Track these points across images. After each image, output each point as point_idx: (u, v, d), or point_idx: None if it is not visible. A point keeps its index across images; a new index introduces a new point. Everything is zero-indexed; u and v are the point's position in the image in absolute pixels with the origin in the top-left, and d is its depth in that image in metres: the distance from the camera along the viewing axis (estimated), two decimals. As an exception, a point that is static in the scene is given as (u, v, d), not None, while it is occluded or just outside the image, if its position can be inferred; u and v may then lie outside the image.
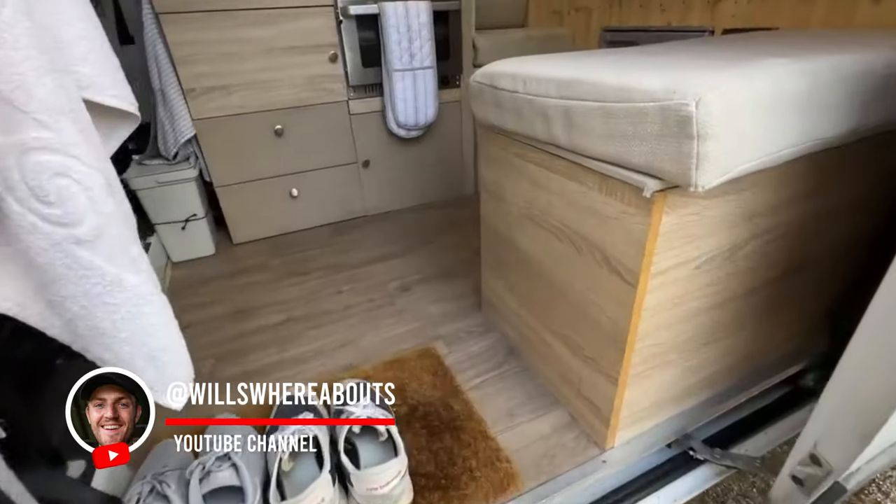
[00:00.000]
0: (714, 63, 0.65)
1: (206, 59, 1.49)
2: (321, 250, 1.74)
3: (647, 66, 0.69)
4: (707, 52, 0.79)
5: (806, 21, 1.27)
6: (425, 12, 1.64)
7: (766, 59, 0.62)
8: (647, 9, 1.74)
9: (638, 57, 0.80)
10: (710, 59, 0.69)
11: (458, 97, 1.96)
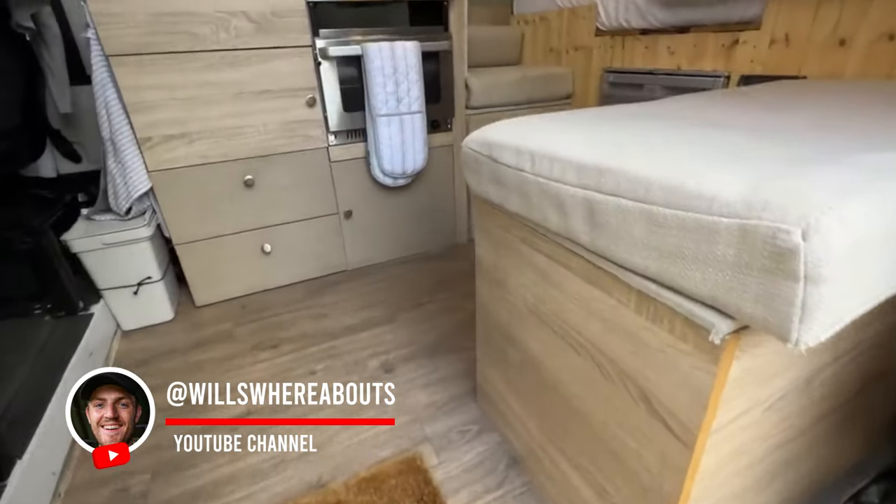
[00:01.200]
0: (801, 148, 0.47)
1: (164, 105, 1.32)
2: (295, 314, 1.54)
3: (700, 144, 0.52)
4: (770, 121, 0.62)
5: (839, 70, 1.13)
6: (413, 53, 1.50)
7: (886, 153, 0.45)
8: (654, 50, 1.61)
9: (680, 125, 0.63)
10: (789, 138, 0.52)
11: (449, 141, 1.80)
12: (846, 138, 0.51)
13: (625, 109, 0.80)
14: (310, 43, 1.43)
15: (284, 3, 1.36)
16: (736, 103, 0.78)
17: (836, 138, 0.51)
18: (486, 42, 2.16)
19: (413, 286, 1.67)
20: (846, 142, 0.49)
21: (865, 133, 0.53)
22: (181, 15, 1.26)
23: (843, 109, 0.69)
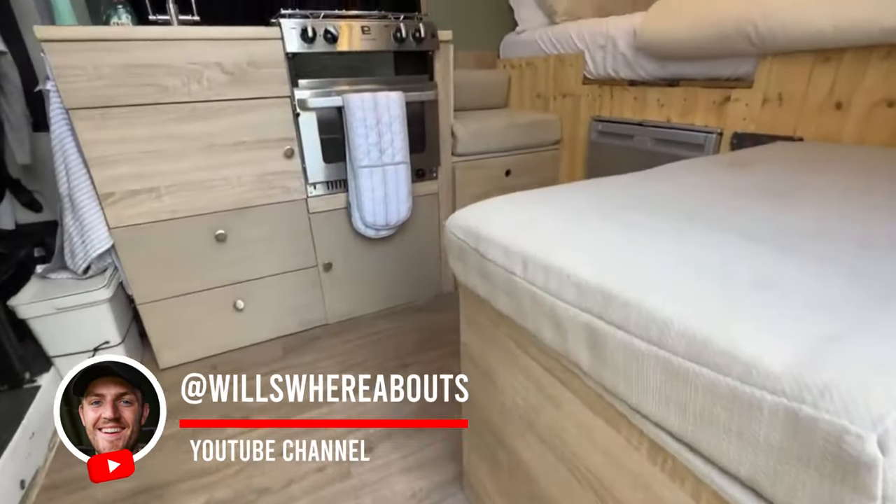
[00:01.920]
0: (850, 278, 0.40)
1: (129, 159, 1.24)
2: (267, 377, 1.42)
3: (720, 263, 0.44)
4: (794, 219, 0.55)
5: (836, 133, 1.10)
6: (397, 104, 1.44)
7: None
8: (643, 102, 1.58)
9: (691, 226, 0.55)
10: (828, 253, 0.45)
11: (435, 189, 1.74)
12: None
13: (623, 190, 0.73)
14: (288, 94, 1.36)
15: (262, 54, 1.30)
16: (743, 185, 0.72)
17: (887, 261, 0.44)
18: (472, 86, 2.14)
19: (397, 344, 1.57)
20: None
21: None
22: (151, 67, 1.19)
23: (868, 196, 0.62)
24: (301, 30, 1.30)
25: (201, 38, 1.22)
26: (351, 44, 1.39)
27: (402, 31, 1.43)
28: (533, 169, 1.95)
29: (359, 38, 1.39)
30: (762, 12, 1.11)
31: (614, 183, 0.79)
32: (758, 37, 1.14)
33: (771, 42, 1.12)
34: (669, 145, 1.49)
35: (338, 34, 1.35)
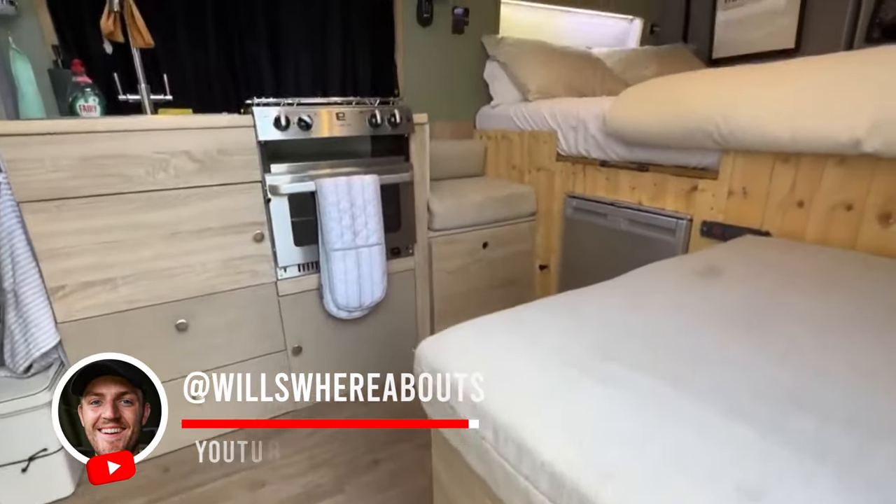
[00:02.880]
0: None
1: (84, 250, 1.17)
2: (228, 479, 1.31)
3: (723, 462, 0.41)
4: (786, 373, 0.53)
5: (800, 230, 1.12)
6: (372, 187, 1.43)
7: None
8: (615, 182, 1.61)
9: (673, 391, 0.53)
10: (835, 441, 0.42)
11: (411, 265, 1.71)
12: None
13: (598, 317, 0.71)
14: (260, 179, 1.34)
15: (234, 141, 1.28)
16: (716, 312, 0.70)
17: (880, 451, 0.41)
18: (449, 156, 2.17)
19: (368, 433, 1.48)
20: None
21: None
22: (114, 158, 1.15)
23: (845, 342, 0.61)
24: (274, 118, 1.30)
25: (169, 128, 1.19)
26: (325, 130, 1.39)
27: (377, 116, 1.44)
28: (510, 241, 1.95)
29: (333, 124, 1.40)
30: (723, 115, 1.15)
31: (589, 303, 0.77)
32: (720, 136, 1.18)
33: (733, 142, 1.17)
34: (642, 227, 1.51)
35: (312, 122, 1.35)
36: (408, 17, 2.03)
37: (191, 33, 1.66)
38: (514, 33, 2.33)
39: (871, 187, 0.99)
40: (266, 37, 1.77)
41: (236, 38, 1.73)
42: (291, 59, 1.84)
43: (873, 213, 0.99)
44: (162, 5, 1.59)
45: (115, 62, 1.50)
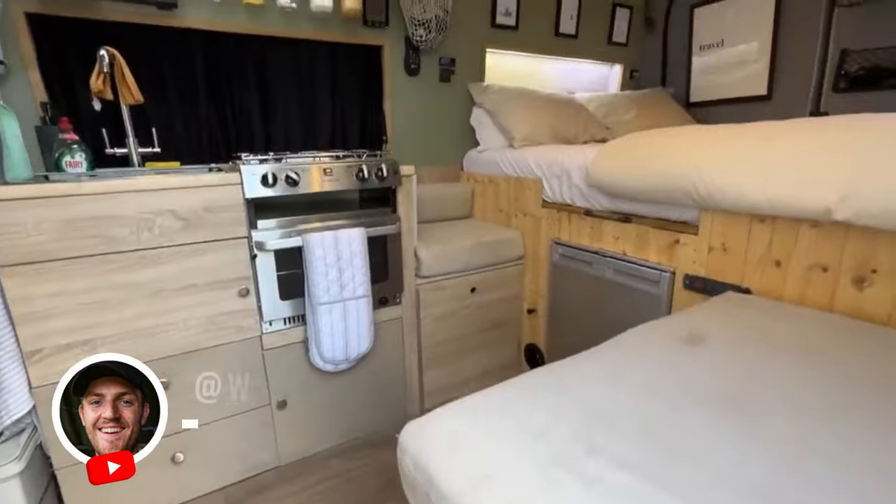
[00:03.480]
0: None
1: (63, 312, 1.15)
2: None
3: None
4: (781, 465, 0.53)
5: (779, 289, 1.14)
6: (359, 241, 1.44)
7: None
8: (599, 231, 1.64)
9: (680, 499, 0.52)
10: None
11: (398, 314, 1.70)
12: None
13: (583, 394, 0.71)
14: (246, 235, 1.34)
15: (220, 199, 1.28)
16: (701, 390, 0.71)
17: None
18: (437, 199, 2.19)
19: (357, 491, 1.44)
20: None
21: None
22: (98, 219, 1.14)
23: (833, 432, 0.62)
24: (262, 175, 1.31)
25: (155, 188, 1.19)
26: (313, 186, 1.40)
27: (364, 171, 1.46)
28: (497, 285, 1.95)
29: (321, 179, 1.41)
30: (700, 176, 1.19)
31: (575, 380, 0.77)
32: (698, 196, 1.22)
33: (710, 202, 1.20)
34: (627, 277, 1.53)
35: (299, 178, 1.36)
36: (395, 68, 2.08)
37: (181, 88, 1.68)
38: (499, 79, 2.41)
39: (845, 251, 1.02)
40: (256, 89, 1.80)
41: (226, 90, 1.75)
42: (281, 110, 1.87)
43: (848, 277, 1.02)
44: (152, 62, 1.62)
45: (105, 115, 1.51)
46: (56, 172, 1.38)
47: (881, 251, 0.97)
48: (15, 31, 1.41)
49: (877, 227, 0.93)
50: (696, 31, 2.69)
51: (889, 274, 0.96)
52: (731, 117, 2.61)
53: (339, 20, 1.87)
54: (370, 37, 1.98)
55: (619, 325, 1.55)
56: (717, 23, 2.59)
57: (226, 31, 1.70)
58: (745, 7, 2.45)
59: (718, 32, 2.60)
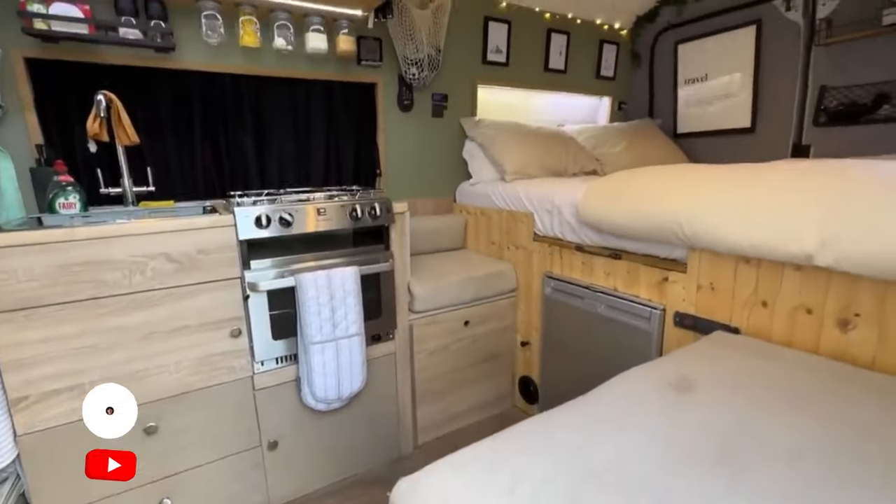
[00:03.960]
0: None
1: (52, 358, 1.14)
2: None
3: None
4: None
5: (766, 329, 1.16)
6: (352, 279, 1.44)
7: None
8: (590, 266, 1.66)
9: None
10: None
11: (392, 349, 1.69)
12: None
13: (573, 446, 0.71)
14: (239, 275, 1.34)
15: (213, 241, 1.29)
16: (692, 449, 0.71)
17: None
18: (431, 231, 2.21)
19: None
20: None
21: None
22: (89, 264, 1.15)
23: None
24: (255, 217, 1.32)
25: (148, 232, 1.20)
26: (307, 226, 1.41)
27: (357, 210, 1.48)
28: (491, 318, 1.96)
29: (314, 220, 1.43)
30: (687, 217, 1.22)
31: (566, 433, 0.77)
32: (684, 235, 1.24)
33: (697, 243, 1.23)
34: (618, 312, 1.54)
35: (293, 219, 1.37)
36: (389, 104, 2.13)
37: (177, 127, 1.70)
38: (491, 112, 2.46)
39: (828, 295, 1.04)
40: (252, 126, 1.83)
41: (222, 128, 1.78)
42: (276, 147, 1.89)
43: (832, 320, 1.04)
44: (149, 102, 1.64)
45: (100, 155, 1.52)
46: (49, 214, 1.38)
47: (863, 295, 0.99)
48: (13, 75, 1.44)
49: (857, 274, 0.95)
50: (680, 65, 2.78)
51: (871, 318, 0.98)
52: (718, 148, 2.69)
53: (334, 60, 1.92)
54: (364, 75, 2.03)
55: (611, 360, 1.57)
56: (700, 58, 2.68)
57: (223, 72, 1.74)
58: (726, 44, 2.54)
59: (702, 67, 2.69)
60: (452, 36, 2.18)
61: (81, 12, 1.40)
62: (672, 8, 2.72)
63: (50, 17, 1.35)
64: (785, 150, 2.38)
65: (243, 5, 1.63)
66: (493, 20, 2.34)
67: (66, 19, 1.37)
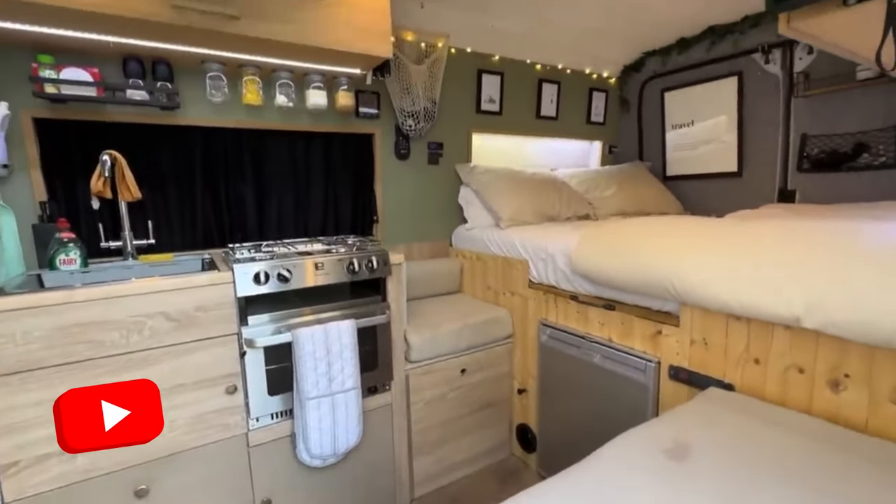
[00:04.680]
0: None
1: (44, 421, 1.13)
2: None
3: None
4: None
5: (759, 385, 1.17)
6: (349, 333, 1.45)
7: None
8: (585, 316, 1.68)
9: None
10: None
11: (388, 401, 1.68)
12: None
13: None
14: (236, 332, 1.35)
15: (212, 298, 1.30)
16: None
17: None
18: (427, 275, 2.23)
19: None
20: None
21: None
22: (89, 325, 1.15)
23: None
24: (254, 274, 1.34)
25: (148, 291, 1.21)
26: (305, 281, 1.43)
27: (354, 264, 1.50)
28: (487, 365, 1.95)
29: (312, 274, 1.45)
30: (678, 275, 1.25)
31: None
32: (675, 291, 1.27)
33: (688, 299, 1.25)
34: (614, 363, 1.55)
35: (291, 276, 1.39)
36: (386, 153, 2.19)
37: (178, 180, 1.74)
38: (485, 157, 2.54)
39: (818, 355, 1.06)
40: (252, 177, 1.88)
41: (222, 179, 1.82)
42: (275, 196, 1.93)
43: (823, 380, 1.05)
44: (152, 157, 1.68)
45: (101, 209, 1.55)
46: (49, 270, 1.40)
47: (852, 357, 1.01)
48: (21, 134, 1.48)
49: (843, 338, 0.97)
50: (667, 111, 2.89)
51: (861, 379, 1.00)
52: (707, 191, 2.76)
53: (334, 114, 1.99)
54: (362, 126, 2.09)
55: (609, 411, 1.57)
56: (686, 105, 2.79)
57: (225, 126, 1.79)
58: (710, 93, 2.65)
59: (689, 114, 2.79)
60: (447, 88, 2.27)
61: (91, 76, 1.45)
62: (657, 58, 2.85)
63: (60, 81, 1.41)
64: (771, 195, 2.45)
65: (247, 66, 1.70)
66: (487, 72, 2.44)
67: (76, 83, 1.42)
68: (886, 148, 2.03)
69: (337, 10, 1.54)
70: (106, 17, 1.23)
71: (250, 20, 1.38)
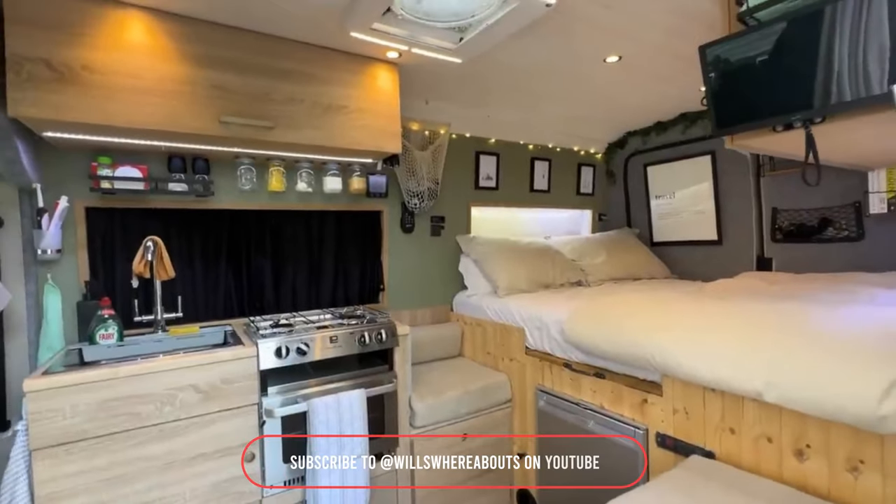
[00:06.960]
0: None
1: (82, 490, 1.23)
2: None
3: None
4: None
5: (737, 455, 1.28)
6: (359, 403, 1.57)
7: None
8: (578, 382, 1.80)
9: None
10: None
11: (393, 466, 1.76)
12: None
13: None
14: (256, 402, 1.47)
15: (236, 371, 1.44)
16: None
17: None
18: (429, 340, 2.36)
19: None
20: None
21: None
22: (129, 398, 1.28)
23: None
24: (275, 349, 1.48)
25: (182, 367, 1.35)
26: (319, 353, 1.57)
27: (365, 337, 1.65)
28: (488, 430, 2.04)
29: (327, 347, 1.59)
30: (659, 350, 1.39)
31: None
32: (656, 365, 1.41)
33: (668, 371, 1.39)
34: (606, 429, 1.65)
35: (308, 349, 1.53)
36: (393, 227, 2.40)
37: (205, 256, 1.92)
38: (484, 226, 2.75)
39: (783, 426, 1.18)
40: (270, 252, 2.06)
41: (244, 255, 2.00)
42: (291, 269, 2.11)
43: (789, 449, 1.17)
44: (183, 239, 1.87)
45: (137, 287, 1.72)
46: (88, 344, 1.54)
47: (811, 428, 1.13)
48: (73, 222, 1.68)
49: (800, 411, 1.10)
50: (650, 183, 3.15)
51: (821, 450, 1.12)
52: (691, 257, 2.95)
53: (347, 195, 2.21)
54: (372, 205, 2.32)
55: (604, 475, 1.66)
56: (667, 178, 3.05)
57: (250, 209, 2.00)
58: (688, 169, 2.92)
59: (670, 186, 3.04)
60: (448, 169, 2.52)
61: (140, 172, 1.67)
62: (638, 137, 3.14)
63: (115, 178, 1.62)
64: (750, 262, 2.63)
65: (274, 159, 1.94)
66: (484, 153, 2.71)
67: (128, 179, 1.64)
68: (848, 223, 2.24)
69: (357, 116, 1.80)
70: (166, 132, 1.46)
71: (283, 129, 1.63)
